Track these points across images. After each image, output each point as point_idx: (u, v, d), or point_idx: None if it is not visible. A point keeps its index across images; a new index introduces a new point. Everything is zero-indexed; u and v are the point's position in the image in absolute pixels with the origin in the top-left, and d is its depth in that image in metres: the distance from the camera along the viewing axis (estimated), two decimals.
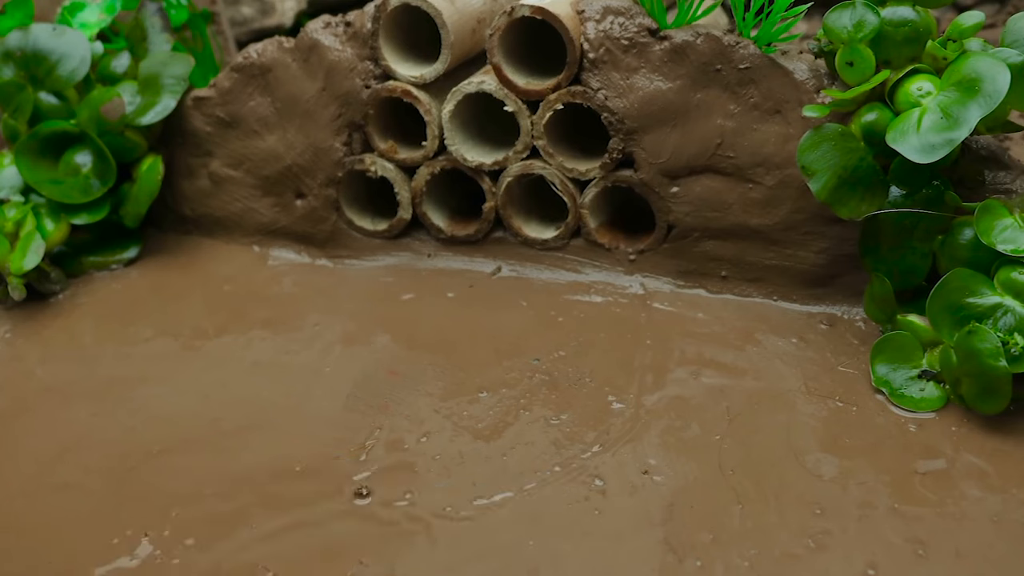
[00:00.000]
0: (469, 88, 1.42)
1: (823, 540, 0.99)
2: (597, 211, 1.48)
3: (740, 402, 1.19)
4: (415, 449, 1.15)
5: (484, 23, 1.49)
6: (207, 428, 1.21)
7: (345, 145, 1.54)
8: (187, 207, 1.68)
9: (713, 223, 1.40)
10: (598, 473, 1.09)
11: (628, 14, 1.36)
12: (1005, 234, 1.14)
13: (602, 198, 1.47)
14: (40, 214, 1.54)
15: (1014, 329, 1.11)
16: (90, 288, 1.57)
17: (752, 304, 1.40)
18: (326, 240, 1.60)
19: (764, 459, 1.10)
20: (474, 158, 1.46)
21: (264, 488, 1.10)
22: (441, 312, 1.43)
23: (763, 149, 1.34)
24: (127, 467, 1.16)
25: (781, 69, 1.31)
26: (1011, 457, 1.09)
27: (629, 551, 0.98)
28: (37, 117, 1.58)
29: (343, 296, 1.49)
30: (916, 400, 1.17)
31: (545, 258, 1.51)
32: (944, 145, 1.12)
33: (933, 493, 1.04)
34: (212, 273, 1.59)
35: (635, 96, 1.36)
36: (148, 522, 1.06)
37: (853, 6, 1.19)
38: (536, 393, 1.23)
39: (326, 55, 1.50)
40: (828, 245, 1.35)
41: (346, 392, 1.26)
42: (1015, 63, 1.15)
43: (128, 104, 1.57)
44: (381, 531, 1.03)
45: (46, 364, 1.38)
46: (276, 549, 1.02)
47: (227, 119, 1.59)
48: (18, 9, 1.62)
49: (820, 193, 1.21)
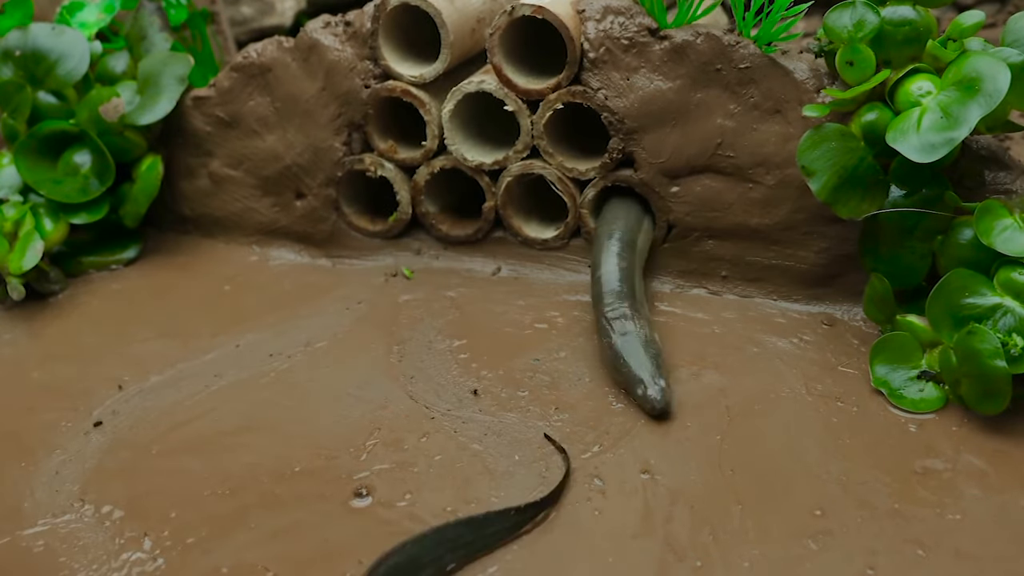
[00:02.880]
0: (469, 88, 1.42)
1: (823, 540, 0.99)
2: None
3: (740, 402, 1.19)
4: (415, 449, 1.15)
5: (484, 23, 1.49)
6: (207, 428, 1.21)
7: (345, 145, 1.53)
8: (186, 207, 1.68)
9: (713, 223, 1.40)
10: (598, 473, 1.09)
11: (628, 14, 1.36)
12: (1005, 235, 1.14)
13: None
14: (39, 214, 1.54)
15: (1014, 330, 1.11)
16: (89, 288, 1.57)
17: (752, 304, 1.40)
18: (326, 240, 1.60)
19: (764, 459, 1.10)
20: (474, 158, 1.46)
21: (264, 488, 1.10)
22: (441, 312, 1.43)
23: (763, 149, 1.34)
24: (126, 468, 1.16)
25: (781, 69, 1.31)
26: (1011, 457, 1.09)
27: (629, 551, 0.98)
28: (36, 117, 1.58)
29: (342, 296, 1.49)
30: (915, 401, 1.17)
31: (545, 258, 1.51)
32: (944, 145, 1.12)
33: (933, 493, 1.04)
34: (212, 273, 1.59)
35: (635, 96, 1.36)
36: (148, 522, 1.06)
37: (853, 5, 1.19)
38: (536, 393, 1.23)
39: (326, 55, 1.50)
40: (828, 245, 1.35)
41: (346, 392, 1.26)
42: (1015, 63, 1.15)
43: (127, 104, 1.57)
44: (381, 531, 1.03)
45: (45, 364, 1.37)
46: (276, 549, 1.02)
47: (227, 119, 1.59)
48: (17, 9, 1.62)
49: (820, 193, 1.21)
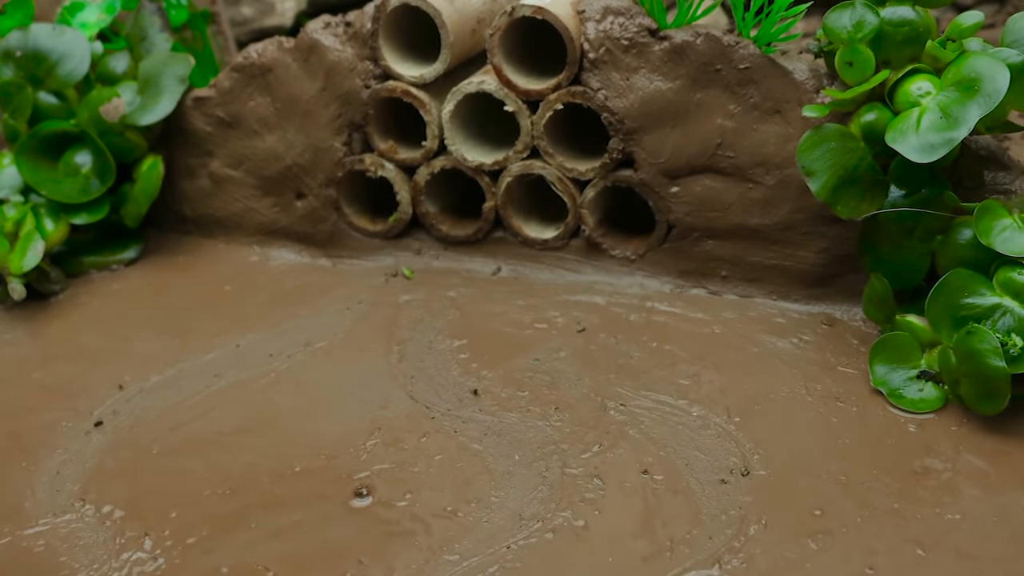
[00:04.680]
0: (469, 88, 1.42)
1: (823, 540, 0.99)
2: (597, 211, 1.48)
3: (740, 402, 1.19)
4: (415, 449, 1.15)
5: (484, 23, 1.49)
6: (207, 428, 1.21)
7: (345, 145, 1.54)
8: (187, 207, 1.68)
9: (713, 223, 1.40)
10: (598, 473, 1.09)
11: (628, 14, 1.36)
12: (1004, 235, 1.14)
13: (602, 198, 1.47)
14: (40, 214, 1.54)
15: (1013, 330, 1.11)
16: (90, 288, 1.57)
17: (752, 304, 1.40)
18: (326, 240, 1.61)
19: (764, 460, 1.10)
20: (474, 158, 1.46)
21: (264, 488, 1.10)
22: (441, 312, 1.43)
23: (763, 149, 1.34)
24: (126, 468, 1.16)
25: (781, 69, 1.31)
26: (1010, 457, 1.09)
27: (629, 551, 0.99)
28: (37, 117, 1.58)
29: (343, 296, 1.49)
30: (915, 400, 1.17)
31: (545, 258, 1.51)
32: (943, 145, 1.12)
33: (932, 493, 1.04)
34: (212, 273, 1.59)
35: (635, 96, 1.37)
36: (149, 522, 1.06)
37: (853, 6, 1.19)
38: (536, 393, 1.23)
39: (326, 55, 1.50)
40: (828, 245, 1.35)
41: (346, 392, 1.26)
42: (1014, 63, 1.15)
43: (128, 104, 1.57)
44: (381, 531, 1.03)
45: (46, 364, 1.38)
46: (276, 549, 1.02)
47: (227, 119, 1.59)
48: (18, 9, 1.62)
49: (820, 193, 1.21)
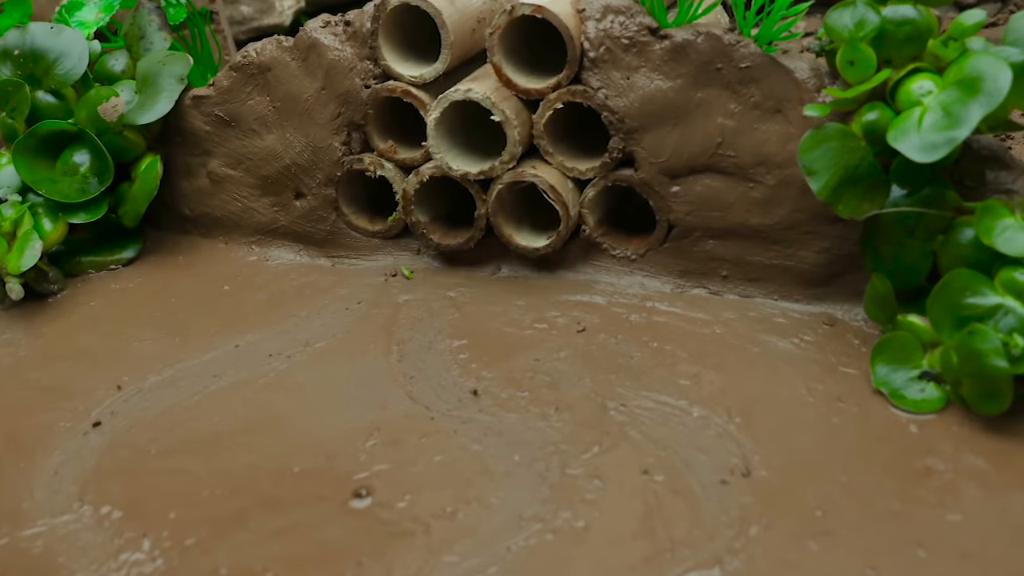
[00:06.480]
0: (456, 96, 1.39)
1: (824, 540, 0.99)
2: (597, 210, 1.47)
3: (741, 403, 1.19)
4: (415, 449, 1.15)
5: (484, 22, 1.49)
6: (206, 428, 1.21)
7: (344, 145, 1.53)
8: (186, 206, 1.68)
9: (714, 223, 1.40)
10: (598, 474, 1.09)
11: (628, 13, 1.36)
12: (1006, 235, 1.13)
13: (602, 197, 1.46)
14: (38, 213, 1.53)
15: (1015, 330, 1.10)
16: (88, 288, 1.57)
17: (753, 304, 1.40)
18: (325, 240, 1.60)
19: (765, 460, 1.10)
20: (459, 167, 1.43)
21: (263, 488, 1.10)
22: (441, 312, 1.42)
23: (764, 148, 1.33)
24: (124, 469, 1.15)
25: (782, 68, 1.30)
26: (1012, 458, 1.08)
27: (629, 552, 0.98)
28: (35, 116, 1.57)
29: (342, 296, 1.49)
30: (916, 401, 1.17)
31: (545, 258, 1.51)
32: (945, 144, 1.11)
33: (934, 494, 1.04)
34: (211, 273, 1.59)
35: (635, 95, 1.36)
36: (147, 523, 1.06)
37: (854, 5, 1.19)
38: (536, 393, 1.23)
39: (325, 54, 1.49)
40: (829, 245, 1.35)
41: (345, 392, 1.26)
42: (1017, 62, 1.14)
43: (126, 103, 1.57)
44: (380, 532, 1.03)
45: (44, 364, 1.37)
46: (275, 550, 1.02)
47: (226, 118, 1.59)
48: (16, 8, 1.62)
49: (821, 192, 1.21)
